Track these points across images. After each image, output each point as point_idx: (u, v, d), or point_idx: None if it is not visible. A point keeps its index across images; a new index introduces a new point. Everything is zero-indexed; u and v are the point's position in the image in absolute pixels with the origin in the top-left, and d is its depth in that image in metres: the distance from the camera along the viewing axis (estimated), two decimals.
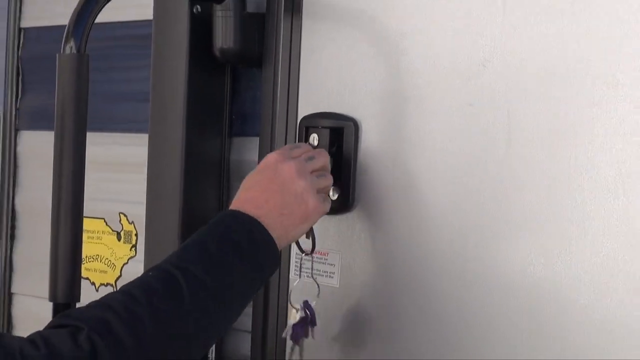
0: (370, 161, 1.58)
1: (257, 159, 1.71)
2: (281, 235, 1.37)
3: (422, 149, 1.53)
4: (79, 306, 1.32)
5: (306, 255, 1.59)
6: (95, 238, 2.01)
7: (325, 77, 1.65)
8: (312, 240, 1.57)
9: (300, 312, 1.57)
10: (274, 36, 1.69)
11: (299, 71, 1.67)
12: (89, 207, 1.46)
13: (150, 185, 1.78)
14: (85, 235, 1.46)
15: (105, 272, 2.10)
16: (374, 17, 1.59)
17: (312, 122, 1.62)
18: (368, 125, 1.58)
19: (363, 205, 1.58)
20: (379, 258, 1.57)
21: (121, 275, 2.06)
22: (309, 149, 1.55)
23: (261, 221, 1.34)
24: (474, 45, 1.47)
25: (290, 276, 1.64)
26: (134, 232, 1.97)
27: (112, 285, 2.07)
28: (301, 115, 1.66)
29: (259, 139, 1.76)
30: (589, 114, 1.35)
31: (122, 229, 1.96)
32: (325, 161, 1.50)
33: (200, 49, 1.72)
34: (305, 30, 1.67)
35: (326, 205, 1.46)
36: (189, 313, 1.24)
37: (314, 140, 1.60)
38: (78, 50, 1.40)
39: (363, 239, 1.58)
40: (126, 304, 1.18)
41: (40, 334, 1.13)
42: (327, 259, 1.62)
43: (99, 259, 2.03)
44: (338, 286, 1.60)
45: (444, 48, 1.51)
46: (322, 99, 1.64)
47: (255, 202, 1.38)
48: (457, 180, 1.49)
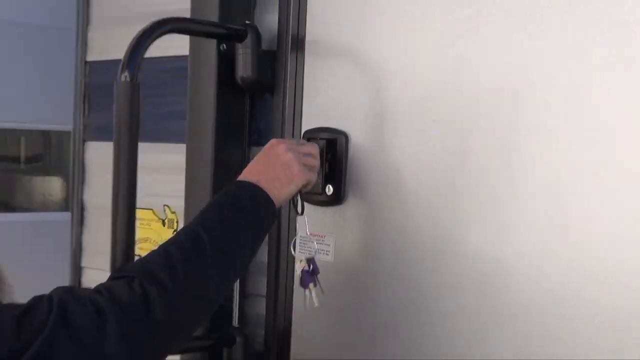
0: (357, 165, 1.59)
1: None
2: (276, 195, 1.38)
3: (397, 155, 1.54)
4: None
5: (300, 215, 1.57)
6: (145, 224, 2.01)
7: (323, 100, 1.65)
8: (301, 203, 1.56)
9: (304, 264, 1.57)
10: (282, 68, 1.69)
11: (302, 95, 1.67)
12: (141, 201, 1.47)
13: (188, 184, 1.78)
14: (138, 222, 1.47)
15: None
16: (360, 55, 1.60)
17: (312, 135, 1.62)
18: (356, 137, 1.59)
19: (352, 199, 1.59)
20: (365, 239, 1.59)
21: None
22: (303, 140, 1.60)
23: (260, 185, 1.37)
24: (436, 74, 1.49)
25: (296, 252, 1.61)
26: (176, 219, 1.98)
27: None
28: (304, 129, 1.66)
29: None
30: (525, 128, 1.38)
31: (167, 217, 1.97)
32: (313, 149, 1.52)
33: (226, 78, 1.71)
34: (307, 64, 1.66)
35: (310, 175, 1.47)
36: (211, 260, 1.26)
37: None
38: (131, 80, 1.40)
39: (352, 224, 1.60)
40: (164, 257, 1.21)
41: (103, 285, 1.15)
42: (324, 240, 1.62)
43: (148, 241, 2.04)
44: (332, 261, 1.61)
45: (413, 77, 1.52)
46: (320, 116, 1.64)
47: (256, 172, 1.41)
48: (424, 178, 1.50)
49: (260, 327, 1.75)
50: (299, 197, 1.55)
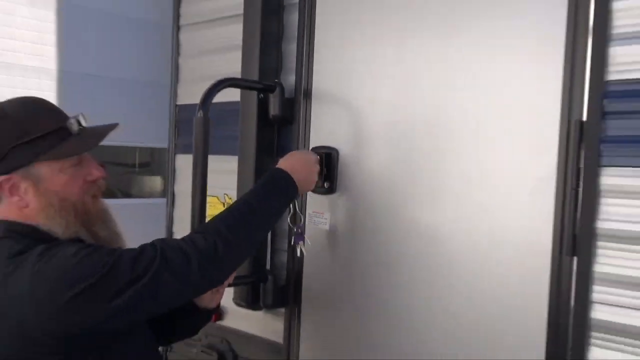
0: (344, 169, 1.60)
1: None
2: (300, 187, 1.37)
3: (369, 162, 1.55)
4: None
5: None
6: (212, 206, 1.87)
7: (322, 128, 1.65)
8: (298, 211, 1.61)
9: (297, 229, 1.61)
10: (298, 109, 1.69)
11: (310, 126, 1.68)
12: (209, 191, 1.48)
13: (238, 180, 1.76)
14: (207, 205, 1.46)
15: None
16: (345, 100, 1.60)
17: (317, 150, 1.62)
18: (343, 151, 1.60)
19: (341, 191, 1.60)
20: (349, 215, 1.59)
21: None
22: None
23: (290, 174, 1.34)
24: (393, 110, 1.49)
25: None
26: (230, 203, 1.90)
27: None
28: (311, 146, 1.66)
29: None
30: (451, 142, 1.38)
31: (225, 201, 1.93)
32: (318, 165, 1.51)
33: (262, 115, 1.71)
34: (314, 106, 1.67)
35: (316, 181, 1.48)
36: (257, 220, 1.24)
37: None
38: (204, 116, 1.43)
39: (341, 205, 1.60)
40: (226, 219, 1.19)
41: (187, 236, 1.14)
42: (323, 215, 1.63)
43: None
44: (328, 229, 1.62)
45: (378, 112, 1.52)
46: (321, 139, 1.65)
47: (291, 167, 1.36)
48: (388, 177, 1.50)
49: (283, 270, 1.74)
50: (297, 209, 1.60)
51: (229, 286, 1.61)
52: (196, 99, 1.47)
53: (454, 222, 1.37)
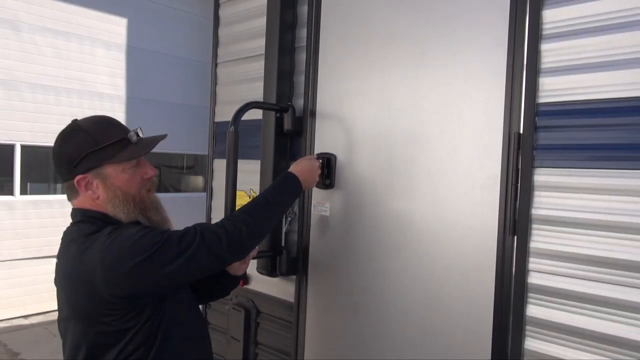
0: (340, 170, 1.58)
1: None
2: (304, 186, 1.37)
3: (359, 165, 1.53)
4: None
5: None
6: (240, 198, 1.69)
7: (324, 139, 1.64)
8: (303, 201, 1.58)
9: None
10: (305, 125, 1.68)
11: (314, 137, 1.66)
12: (238, 187, 1.47)
13: (260, 179, 1.73)
14: (237, 197, 1.45)
15: None
16: (340, 116, 1.58)
17: (320, 155, 1.60)
18: (339, 156, 1.58)
19: (338, 186, 1.59)
20: (344, 205, 1.57)
21: None
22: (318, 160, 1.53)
23: (300, 179, 1.35)
24: (378, 124, 1.47)
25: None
26: (254, 196, 1.83)
27: None
28: (316, 152, 1.65)
29: None
30: (422, 148, 1.37)
31: (251, 195, 1.87)
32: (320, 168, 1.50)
33: (279, 129, 1.70)
34: (317, 122, 1.65)
35: (317, 180, 1.46)
36: (272, 211, 1.23)
37: (320, 161, 1.54)
38: (234, 130, 1.43)
39: (338, 197, 1.59)
40: (249, 210, 1.18)
41: (219, 221, 1.13)
42: (324, 204, 1.62)
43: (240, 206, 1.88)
44: (328, 215, 1.60)
45: (366, 126, 1.50)
46: (323, 147, 1.63)
47: (299, 171, 1.37)
48: (374, 176, 1.49)
49: (294, 246, 1.72)
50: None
51: (253, 258, 1.61)
52: (229, 117, 1.47)
53: (424, 211, 1.36)
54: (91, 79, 5.53)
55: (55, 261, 1.13)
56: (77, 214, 1.11)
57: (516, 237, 1.17)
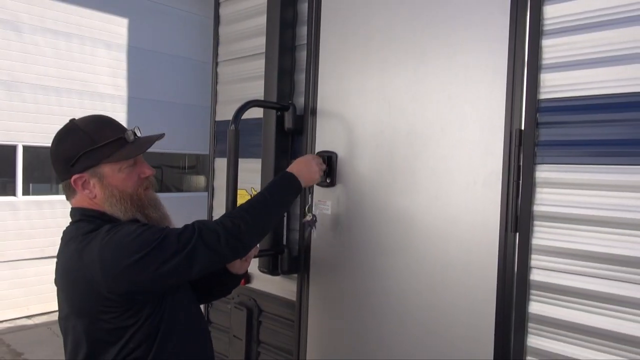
0: (341, 168, 1.58)
1: None
2: (303, 182, 1.35)
3: (359, 163, 1.53)
4: None
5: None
6: (241, 197, 1.65)
7: (325, 137, 1.63)
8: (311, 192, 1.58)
9: (310, 216, 1.60)
10: (306, 123, 1.67)
11: (315, 135, 1.66)
12: (239, 185, 1.47)
13: (262, 178, 1.73)
14: (238, 196, 1.45)
15: None
16: (341, 115, 1.58)
17: (321, 153, 1.60)
18: (340, 154, 1.58)
19: (339, 184, 1.58)
20: (346, 203, 1.57)
21: None
22: (318, 155, 1.55)
23: (298, 176, 1.34)
24: (378, 122, 1.47)
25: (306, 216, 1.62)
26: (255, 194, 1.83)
27: None
28: (317, 150, 1.64)
29: None
30: (421, 146, 1.37)
31: (252, 193, 1.84)
32: (323, 164, 1.49)
33: (280, 127, 1.69)
34: (318, 121, 1.65)
35: (319, 176, 1.44)
36: (270, 208, 1.22)
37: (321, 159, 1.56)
38: (235, 129, 1.42)
39: (339, 195, 1.58)
40: (247, 208, 1.17)
41: (218, 219, 1.13)
42: (326, 202, 1.61)
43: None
44: (330, 214, 1.60)
45: (367, 124, 1.50)
46: (325, 145, 1.63)
47: (296, 169, 1.36)
48: (374, 173, 1.49)
49: (296, 244, 1.72)
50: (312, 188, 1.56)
51: (255, 257, 1.60)
52: (230, 116, 1.46)
53: (425, 208, 1.36)
54: (92, 79, 5.53)
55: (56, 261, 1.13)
56: (76, 213, 1.11)
57: (518, 234, 1.17)
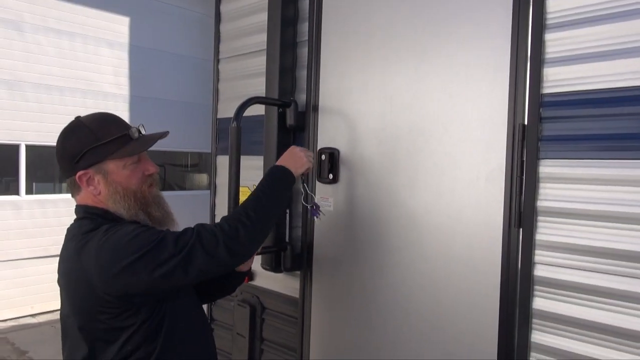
0: (343, 164, 1.58)
1: None
2: (294, 171, 1.29)
3: (361, 159, 1.52)
4: None
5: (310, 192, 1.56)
6: (244, 194, 1.54)
7: (326, 134, 1.63)
8: (307, 182, 1.54)
9: (313, 205, 1.56)
10: (308, 120, 1.67)
11: (317, 132, 1.65)
12: (242, 183, 1.47)
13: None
14: (240, 194, 1.44)
15: None
16: (343, 111, 1.58)
17: (323, 150, 1.61)
18: (343, 151, 1.58)
19: (341, 181, 1.58)
20: (348, 200, 1.57)
21: None
22: (306, 149, 1.49)
23: (286, 167, 1.29)
24: (380, 119, 1.47)
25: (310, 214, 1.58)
26: None
27: None
28: (318, 147, 1.64)
29: None
30: (423, 142, 1.36)
31: None
32: (311, 153, 1.41)
33: (282, 124, 1.69)
34: (320, 117, 1.65)
35: (309, 164, 1.36)
36: (266, 207, 1.17)
37: (323, 156, 1.60)
38: (237, 126, 1.42)
39: (341, 192, 1.58)
40: (244, 209, 1.13)
41: (217, 222, 1.10)
42: (328, 199, 1.61)
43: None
44: (332, 210, 1.60)
45: (369, 121, 1.50)
46: (326, 141, 1.63)
47: (284, 161, 1.31)
48: (376, 169, 1.48)
49: (299, 242, 1.72)
50: (308, 190, 1.54)
51: (258, 254, 1.61)
52: (231, 114, 1.46)
53: (428, 204, 1.36)
54: (95, 78, 5.55)
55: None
56: (80, 211, 1.11)
57: (522, 230, 1.16)
